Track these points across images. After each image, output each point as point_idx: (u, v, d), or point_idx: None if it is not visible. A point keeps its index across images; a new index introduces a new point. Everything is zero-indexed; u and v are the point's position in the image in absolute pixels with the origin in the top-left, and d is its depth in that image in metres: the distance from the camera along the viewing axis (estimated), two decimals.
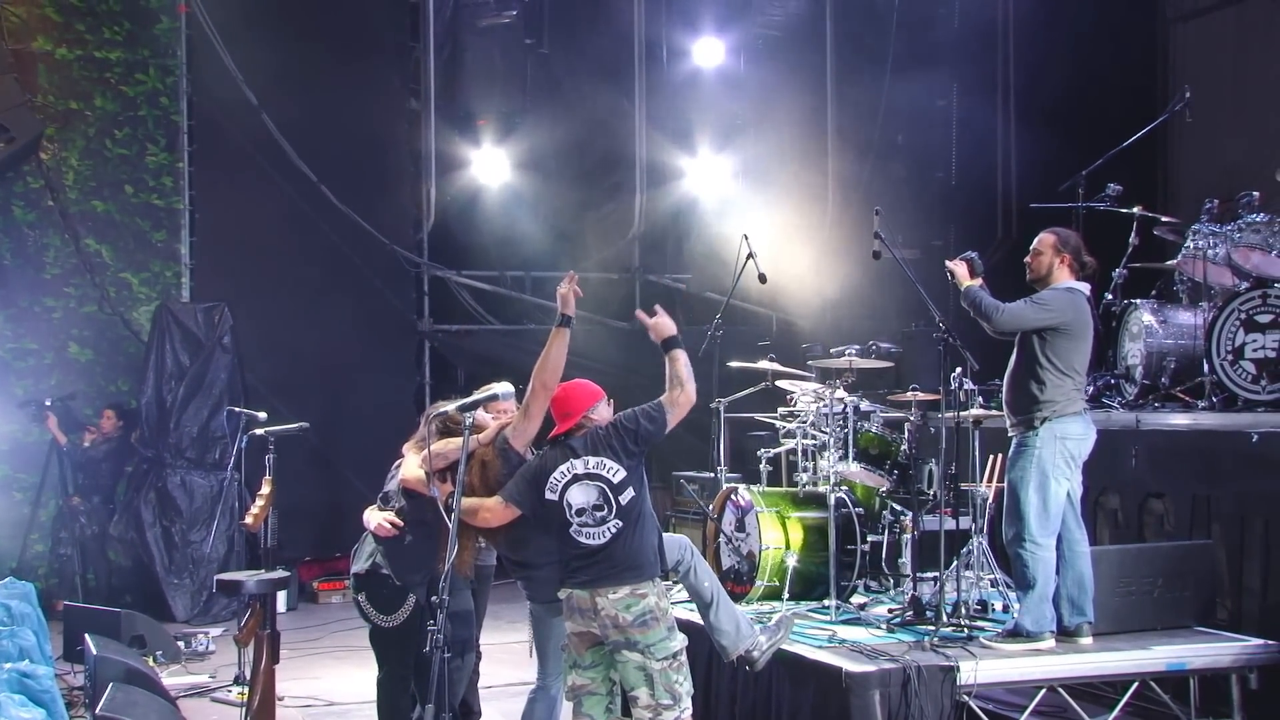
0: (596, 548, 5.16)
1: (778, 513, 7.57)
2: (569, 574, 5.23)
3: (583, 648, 5.29)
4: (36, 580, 9.39)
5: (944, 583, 6.80)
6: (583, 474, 5.18)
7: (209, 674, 8.81)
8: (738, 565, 7.67)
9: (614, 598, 5.13)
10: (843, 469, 7.56)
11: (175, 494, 11.11)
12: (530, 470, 5.30)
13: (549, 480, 5.21)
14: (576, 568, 5.20)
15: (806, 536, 7.53)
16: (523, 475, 5.30)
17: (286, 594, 10.85)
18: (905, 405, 7.80)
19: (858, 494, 7.76)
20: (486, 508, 5.30)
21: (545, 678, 5.81)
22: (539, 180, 13.51)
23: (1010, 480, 6.36)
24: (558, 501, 5.19)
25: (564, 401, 5.33)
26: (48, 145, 11.83)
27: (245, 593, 6.93)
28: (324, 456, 11.77)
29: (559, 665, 5.64)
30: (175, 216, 12.24)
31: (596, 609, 5.14)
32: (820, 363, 8.36)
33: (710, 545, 7.90)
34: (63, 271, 11.90)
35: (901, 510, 7.50)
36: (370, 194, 12.77)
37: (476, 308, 13.66)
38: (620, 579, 5.15)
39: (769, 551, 7.40)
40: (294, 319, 12.19)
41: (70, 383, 11.72)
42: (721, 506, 7.91)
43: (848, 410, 7.64)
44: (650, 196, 13.83)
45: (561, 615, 5.38)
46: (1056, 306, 6.36)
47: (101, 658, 6.59)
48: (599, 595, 5.14)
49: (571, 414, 5.31)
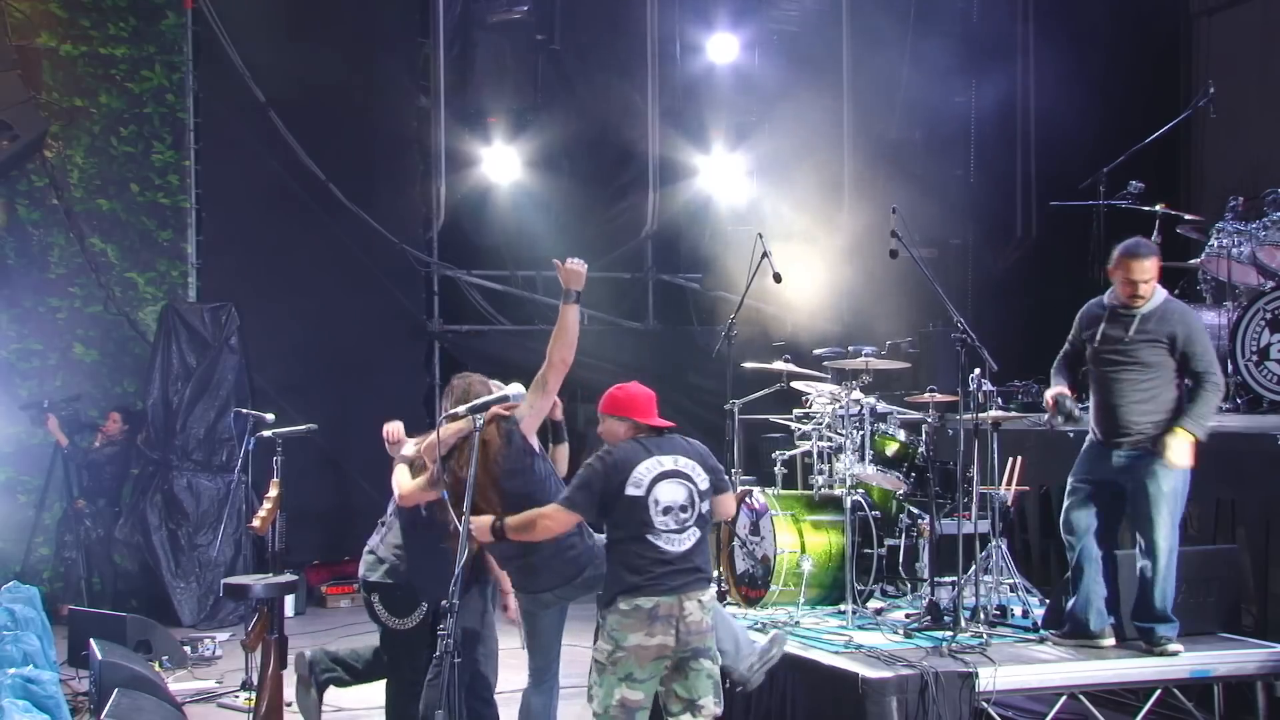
0: (680, 554, 5.19)
1: (793, 516, 7.55)
2: (648, 581, 5.14)
3: (645, 660, 5.16)
4: (41, 584, 9.40)
5: (962, 587, 6.78)
6: (671, 470, 5.21)
7: (216, 679, 8.82)
8: (752, 569, 7.65)
9: (704, 601, 5.20)
10: (859, 472, 7.55)
11: (181, 497, 11.13)
12: (601, 467, 5.21)
13: (632, 474, 5.16)
14: (660, 574, 5.15)
15: (822, 541, 7.51)
16: (591, 474, 5.21)
17: (294, 598, 10.84)
18: (923, 407, 7.80)
19: (874, 497, 7.74)
20: (547, 516, 5.24)
21: (538, 673, 5.79)
22: (550, 178, 13.50)
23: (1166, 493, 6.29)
24: (642, 497, 5.15)
25: (650, 401, 5.35)
26: (52, 143, 11.86)
27: (252, 597, 6.95)
28: (332, 459, 11.79)
29: (552, 659, 5.66)
30: (182, 215, 12.26)
31: (684, 615, 5.14)
32: (836, 364, 8.34)
33: (724, 549, 7.86)
34: (68, 271, 11.93)
35: (919, 514, 7.48)
36: (379, 192, 12.79)
37: (487, 308, 13.66)
38: (705, 584, 5.27)
39: (784, 555, 7.38)
40: (302, 319, 12.20)
41: (75, 384, 11.74)
42: (736, 510, 7.77)
43: (864, 412, 7.63)
44: (663, 195, 13.81)
45: (552, 607, 5.43)
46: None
47: (107, 663, 6.61)
48: (688, 600, 5.16)
49: (653, 415, 5.32)
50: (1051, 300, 12.21)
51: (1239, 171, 11.67)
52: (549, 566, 5.50)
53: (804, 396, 8.19)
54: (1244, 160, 11.83)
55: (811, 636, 6.76)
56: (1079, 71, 12.67)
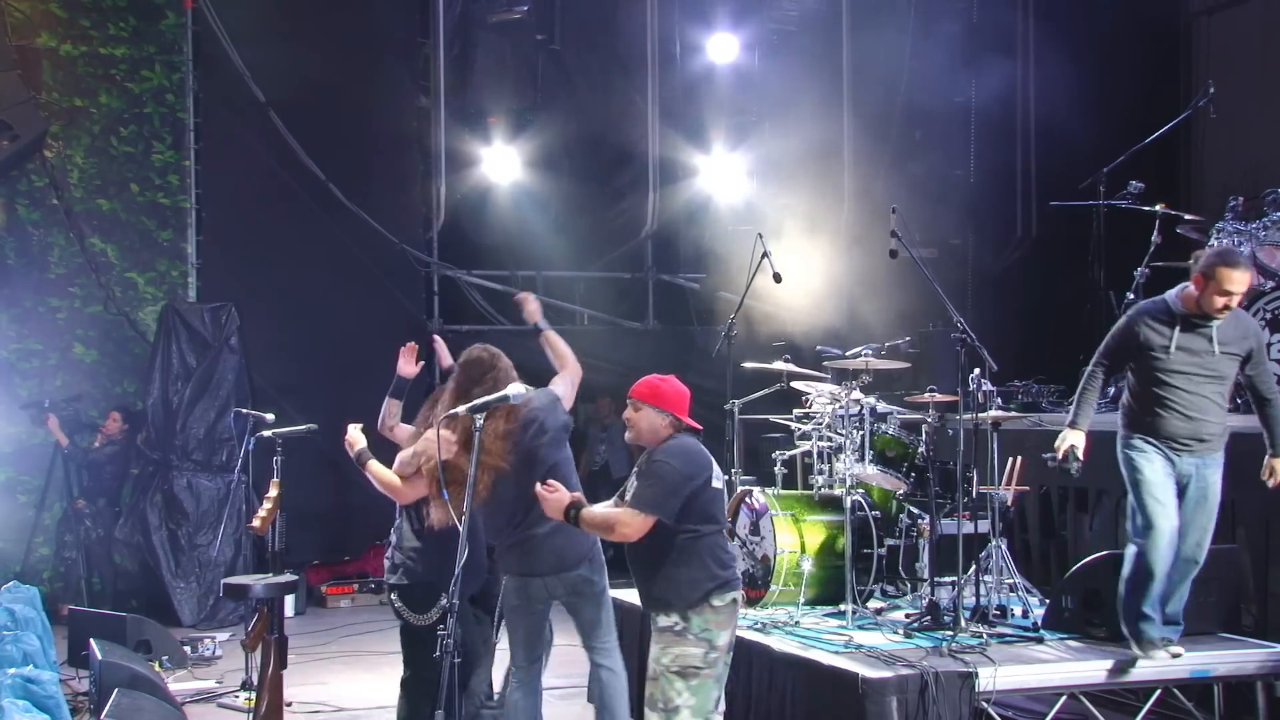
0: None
1: (793, 516, 7.56)
2: (733, 576, 5.16)
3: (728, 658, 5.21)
4: (41, 584, 9.43)
5: (962, 587, 6.78)
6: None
7: (216, 679, 8.83)
8: (752, 569, 7.65)
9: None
10: (859, 471, 7.54)
11: (182, 497, 11.14)
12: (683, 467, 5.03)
13: (714, 467, 5.15)
14: (735, 568, 5.22)
15: (822, 540, 7.52)
16: (675, 477, 5.02)
17: (294, 598, 10.87)
18: (923, 407, 7.79)
19: (874, 497, 7.75)
20: (623, 522, 5.05)
21: (520, 665, 5.81)
22: (550, 178, 13.51)
23: (1216, 495, 6.29)
24: (721, 490, 5.17)
25: (688, 401, 5.31)
26: (52, 143, 11.87)
27: (252, 597, 6.95)
28: (332, 459, 11.70)
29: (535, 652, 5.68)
30: (182, 215, 12.28)
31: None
32: (836, 363, 8.33)
33: None
34: (67, 271, 11.94)
35: (919, 514, 7.49)
36: (380, 192, 12.80)
37: (487, 308, 13.66)
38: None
39: (784, 555, 7.39)
40: (302, 319, 12.20)
41: (75, 384, 11.76)
42: (736, 510, 7.88)
43: (864, 412, 7.63)
44: (663, 194, 13.82)
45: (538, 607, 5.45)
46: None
47: (106, 663, 6.61)
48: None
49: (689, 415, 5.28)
50: (1052, 300, 12.29)
51: (1239, 171, 11.68)
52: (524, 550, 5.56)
53: (804, 396, 8.18)
54: (1244, 160, 11.84)
55: (811, 636, 6.76)
56: (1079, 71, 12.67)
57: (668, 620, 5.08)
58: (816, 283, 11.72)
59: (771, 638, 6.80)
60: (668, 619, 5.09)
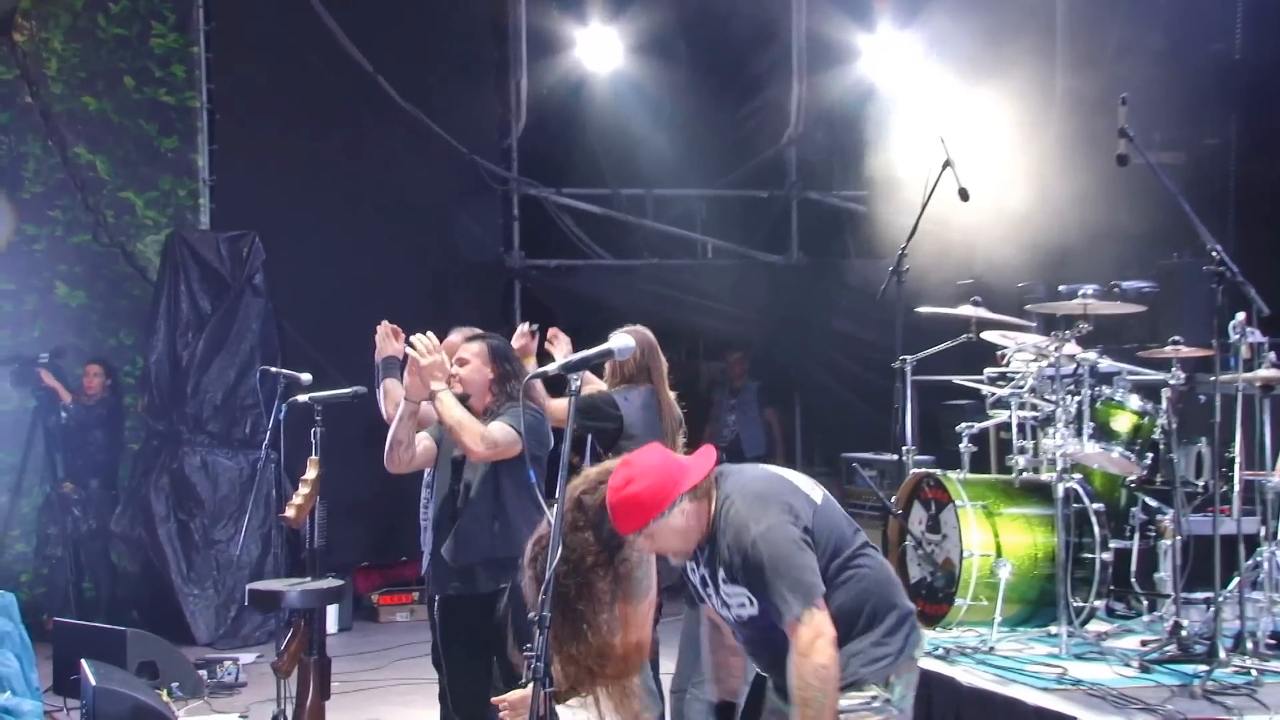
0: None
1: (985, 508, 7.55)
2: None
3: None
4: (19, 590, 9.64)
5: (1220, 607, 6.64)
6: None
7: (240, 713, 8.98)
8: (930, 578, 7.68)
9: None
10: (1075, 450, 7.46)
11: (194, 479, 11.32)
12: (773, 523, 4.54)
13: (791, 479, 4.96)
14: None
15: (1025, 541, 7.50)
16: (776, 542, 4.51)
17: (338, 610, 11.04)
18: (1164, 364, 7.70)
19: (1096, 484, 7.75)
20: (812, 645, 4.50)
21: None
22: (662, 67, 13.50)
23: None
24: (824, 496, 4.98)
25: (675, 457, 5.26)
26: (23, 23, 11.99)
27: (286, 607, 7.05)
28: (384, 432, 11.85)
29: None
30: (190, 118, 12.43)
31: None
32: (1043, 307, 8.30)
33: (894, 550, 7.89)
34: (46, 190, 12.11)
35: (1158, 507, 7.48)
36: (442, 87, 12.87)
37: (582, 236, 13.71)
38: None
39: (973, 559, 7.39)
40: (344, 252, 12.30)
41: (58, 334, 11.90)
42: (908, 499, 7.91)
43: (1082, 372, 7.54)
44: (811, 86, 13.75)
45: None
46: None
47: (102, 690, 6.74)
48: None
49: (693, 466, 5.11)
50: None
51: None
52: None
53: (999, 352, 8.16)
54: None
55: (1012, 667, 6.75)
56: None
57: (859, 698, 4.58)
58: (1017, 201, 11.52)
59: (957, 668, 6.80)
60: (859, 696, 4.58)
